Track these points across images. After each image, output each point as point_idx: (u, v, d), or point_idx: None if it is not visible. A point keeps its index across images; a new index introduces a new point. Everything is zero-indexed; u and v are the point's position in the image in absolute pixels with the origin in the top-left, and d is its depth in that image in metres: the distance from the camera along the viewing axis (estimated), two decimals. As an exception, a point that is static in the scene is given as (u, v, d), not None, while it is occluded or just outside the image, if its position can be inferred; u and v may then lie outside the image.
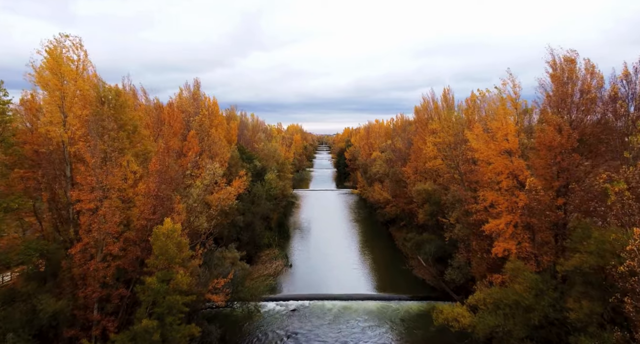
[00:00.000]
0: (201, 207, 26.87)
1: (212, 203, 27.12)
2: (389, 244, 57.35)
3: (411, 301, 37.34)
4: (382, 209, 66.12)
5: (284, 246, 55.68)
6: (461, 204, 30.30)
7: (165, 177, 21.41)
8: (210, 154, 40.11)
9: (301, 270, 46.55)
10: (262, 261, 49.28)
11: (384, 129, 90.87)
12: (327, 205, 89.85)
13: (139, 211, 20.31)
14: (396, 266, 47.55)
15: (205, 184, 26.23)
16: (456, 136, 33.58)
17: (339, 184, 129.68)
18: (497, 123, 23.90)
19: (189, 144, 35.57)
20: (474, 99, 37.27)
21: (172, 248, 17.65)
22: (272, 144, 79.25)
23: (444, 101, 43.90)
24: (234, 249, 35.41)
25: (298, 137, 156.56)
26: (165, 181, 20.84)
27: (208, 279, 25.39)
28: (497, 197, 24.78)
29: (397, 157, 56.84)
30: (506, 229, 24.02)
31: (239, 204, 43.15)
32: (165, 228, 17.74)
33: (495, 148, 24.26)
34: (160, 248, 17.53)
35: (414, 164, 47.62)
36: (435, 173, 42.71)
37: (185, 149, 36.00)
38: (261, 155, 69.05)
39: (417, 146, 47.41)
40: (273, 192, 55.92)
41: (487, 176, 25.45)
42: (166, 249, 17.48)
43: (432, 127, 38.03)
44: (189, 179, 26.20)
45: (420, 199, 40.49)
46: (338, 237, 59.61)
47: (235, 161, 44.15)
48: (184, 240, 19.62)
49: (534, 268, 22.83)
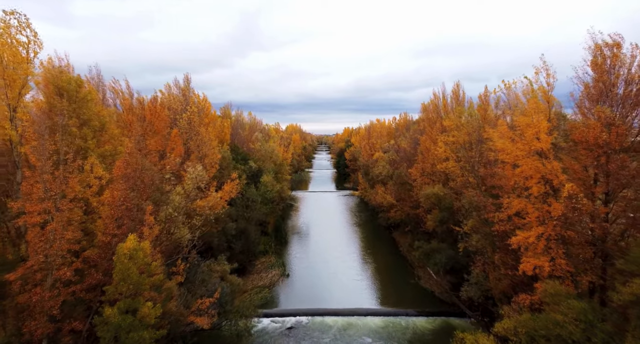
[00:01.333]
0: (183, 216, 23.37)
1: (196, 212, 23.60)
2: (392, 250, 53.88)
3: (420, 317, 33.88)
4: (385, 212, 62.62)
5: (281, 253, 52.18)
6: (479, 211, 26.83)
7: (136, 184, 17.92)
8: (199, 155, 36.60)
9: (299, 280, 43.05)
10: (257, 270, 45.78)
11: (385, 128, 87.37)
12: (326, 208, 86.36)
13: (103, 225, 16.80)
14: (401, 276, 44.09)
15: (187, 190, 22.75)
16: (470, 134, 30.13)
17: (339, 185, 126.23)
18: (527, 119, 20.44)
19: (172, 143, 32.07)
20: (488, 94, 33.86)
21: (135, 272, 14.17)
22: (269, 144, 75.70)
23: (454, 97, 40.48)
24: (224, 261, 31.89)
25: (297, 137, 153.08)
26: (134, 187, 17.36)
27: (191, 300, 21.88)
28: (525, 205, 21.32)
29: (401, 158, 53.37)
30: (537, 242, 20.56)
31: (232, 209, 39.67)
32: (127, 247, 14.25)
33: (524, 148, 20.79)
34: (122, 272, 14.04)
35: (421, 165, 44.15)
36: (446, 176, 39.20)
37: (169, 149, 32.49)
38: (257, 156, 65.50)
39: (424, 146, 43.95)
40: (269, 196, 52.41)
41: (513, 180, 22.00)
42: (128, 273, 14.02)
43: (445, 124, 34.55)
44: (168, 185, 22.77)
45: (428, 204, 37.03)
46: (338, 243, 56.12)
47: (227, 163, 40.65)
48: (155, 261, 16.11)
49: (572, 289, 19.40)
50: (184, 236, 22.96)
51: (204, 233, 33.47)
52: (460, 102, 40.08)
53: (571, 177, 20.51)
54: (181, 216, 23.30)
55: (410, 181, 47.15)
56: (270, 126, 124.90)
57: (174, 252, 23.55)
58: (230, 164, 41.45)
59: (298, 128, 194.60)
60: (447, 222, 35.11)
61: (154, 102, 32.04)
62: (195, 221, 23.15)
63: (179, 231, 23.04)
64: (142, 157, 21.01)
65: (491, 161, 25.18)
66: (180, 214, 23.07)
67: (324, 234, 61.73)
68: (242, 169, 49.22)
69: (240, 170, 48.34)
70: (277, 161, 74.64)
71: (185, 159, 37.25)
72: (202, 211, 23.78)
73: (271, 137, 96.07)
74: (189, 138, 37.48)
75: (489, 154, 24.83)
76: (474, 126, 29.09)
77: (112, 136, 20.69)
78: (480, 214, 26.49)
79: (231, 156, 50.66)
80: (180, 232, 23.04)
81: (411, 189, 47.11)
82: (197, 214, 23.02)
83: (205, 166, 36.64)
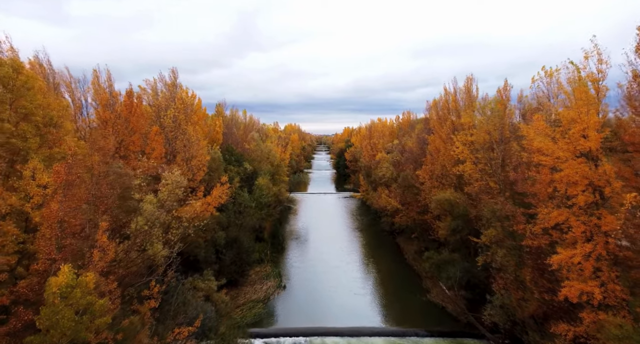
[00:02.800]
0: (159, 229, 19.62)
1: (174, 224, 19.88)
2: (396, 258, 50.12)
3: (431, 338, 30.20)
4: (388, 217, 58.94)
5: (277, 262, 48.43)
6: (503, 222, 23.13)
7: (90, 193, 14.22)
8: (186, 157, 32.86)
9: (296, 293, 39.27)
10: (251, 281, 41.99)
11: (387, 128, 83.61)
12: (326, 211, 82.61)
13: (43, 246, 13.06)
14: (408, 288, 40.35)
15: (162, 199, 19.03)
16: (491, 133, 26.43)
17: (339, 186, 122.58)
18: (572, 112, 16.78)
19: (152, 143, 28.33)
20: (508, 88, 30.09)
21: (70, 317, 10.42)
22: (266, 144, 71.95)
23: (467, 93, 36.74)
24: (211, 276, 28.18)
25: (295, 137, 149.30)
26: (82, 198, 13.64)
27: (164, 332, 18.15)
28: (567, 217, 17.63)
29: (406, 159, 49.67)
30: (584, 263, 16.85)
31: (222, 216, 35.93)
32: (58, 283, 10.48)
33: (568, 148, 17.11)
34: (50, 317, 10.28)
35: (429, 167, 40.43)
36: (459, 179, 35.53)
37: (148, 150, 28.75)
38: (253, 156, 61.71)
39: (433, 146, 40.25)
40: (265, 200, 48.64)
41: (552, 186, 18.31)
42: (59, 318, 10.26)
43: (463, 121, 30.87)
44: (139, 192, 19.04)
45: (440, 211, 33.32)
46: (339, 250, 52.34)
47: (217, 165, 36.89)
48: (106, 296, 12.36)
49: (629, 321, 15.70)
50: (158, 252, 19.21)
51: (190, 243, 29.77)
52: (473, 98, 36.38)
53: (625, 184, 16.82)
54: (157, 229, 19.56)
55: (417, 184, 43.46)
56: (268, 126, 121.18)
57: (146, 272, 19.80)
58: (221, 166, 37.70)
59: (297, 128, 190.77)
60: (461, 231, 31.43)
61: (129, 97, 28.25)
62: (171, 235, 19.42)
63: (153, 247, 19.29)
64: (104, 159, 17.31)
65: (523, 164, 21.50)
66: (153, 226, 19.32)
67: (324, 240, 57.96)
68: (235, 171, 45.47)
69: (233, 172, 44.61)
70: (274, 161, 70.88)
71: (172, 161, 33.55)
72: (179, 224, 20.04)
73: (269, 137, 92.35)
74: (174, 138, 33.73)
75: (520, 155, 21.16)
76: (495, 123, 25.41)
77: (67, 133, 16.95)
78: (505, 225, 22.78)
79: (223, 157, 46.93)
80: (154, 249, 19.29)
81: (418, 193, 43.43)
82: (173, 227, 19.34)
83: (192, 168, 32.92)
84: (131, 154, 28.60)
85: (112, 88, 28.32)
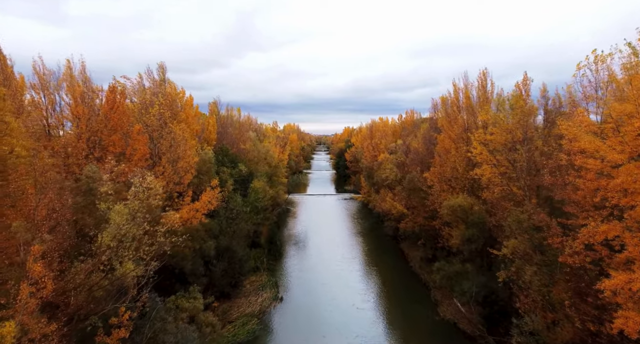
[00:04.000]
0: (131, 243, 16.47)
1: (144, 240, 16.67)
2: (401, 266, 47.01)
3: (444, 360, 27.19)
4: (392, 221, 55.84)
5: (274, 270, 45.30)
6: (530, 233, 20.03)
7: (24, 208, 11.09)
8: (172, 158, 29.71)
9: (294, 306, 36.12)
10: (245, 292, 38.81)
11: (390, 127, 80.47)
12: (326, 213, 79.46)
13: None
14: (414, 300, 37.25)
15: (132, 209, 15.92)
16: (513, 132, 23.32)
17: (339, 187, 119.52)
18: (629, 106, 13.70)
19: (133, 143, 25.19)
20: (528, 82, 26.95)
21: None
22: (263, 144, 68.83)
23: (481, 88, 33.63)
24: (197, 293, 25.03)
25: (294, 137, 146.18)
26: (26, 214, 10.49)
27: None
28: (621, 232, 14.54)
29: (412, 160, 46.55)
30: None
31: (213, 223, 32.75)
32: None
33: (623, 149, 14.02)
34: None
35: (438, 169, 37.33)
36: (473, 183, 32.44)
37: (129, 151, 25.60)
38: (249, 157, 58.54)
39: (442, 147, 37.16)
40: (261, 204, 45.50)
41: (600, 194, 15.21)
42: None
43: (482, 118, 27.82)
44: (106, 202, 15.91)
45: (452, 218, 30.22)
46: (340, 257, 49.17)
47: (208, 167, 33.72)
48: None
49: None
50: (129, 272, 16.08)
51: (175, 255, 26.63)
52: (488, 94, 33.29)
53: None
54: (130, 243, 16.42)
55: (424, 187, 40.34)
56: (266, 125, 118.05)
57: (115, 295, 16.64)
58: (212, 168, 34.53)
59: (296, 128, 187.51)
60: (477, 241, 28.32)
61: (112, 92, 25.08)
62: (143, 252, 16.27)
63: (123, 267, 16.16)
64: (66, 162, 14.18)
65: (561, 167, 18.38)
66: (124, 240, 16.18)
67: (324, 245, 54.81)
68: (228, 174, 42.29)
69: (226, 174, 41.45)
70: (272, 162, 67.78)
71: (157, 162, 30.40)
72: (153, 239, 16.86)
73: (267, 136, 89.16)
74: (160, 137, 30.57)
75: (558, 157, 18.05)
76: (519, 120, 22.32)
77: (11, 131, 13.80)
78: (535, 237, 19.67)
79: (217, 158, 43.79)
80: (124, 268, 16.15)
81: (426, 196, 40.30)
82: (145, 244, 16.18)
83: (179, 171, 29.77)
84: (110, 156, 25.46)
85: (88, 81, 25.09)
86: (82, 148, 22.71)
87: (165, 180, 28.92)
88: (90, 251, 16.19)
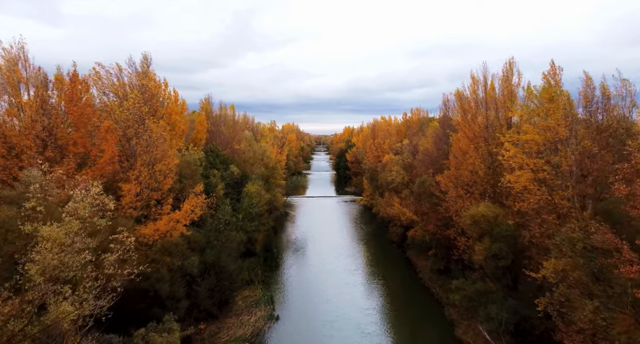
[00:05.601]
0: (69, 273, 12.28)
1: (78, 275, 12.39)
2: (409, 278, 42.74)
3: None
4: (398, 227, 51.72)
5: (270, 282, 41.06)
6: (587, 257, 15.87)
7: None
8: (148, 160, 25.47)
9: (291, 328, 31.86)
10: (237, 310, 34.56)
11: (394, 127, 76.32)
12: (326, 217, 75.22)
13: None
14: (427, 319, 33.14)
15: (71, 230, 11.74)
16: (553, 130, 19.15)
17: (339, 189, 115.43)
18: None
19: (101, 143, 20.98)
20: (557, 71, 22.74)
21: None
22: (260, 144, 64.63)
23: (505, 81, 29.40)
24: (173, 322, 20.76)
25: (293, 137, 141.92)
26: None
27: None
28: None
29: (421, 162, 42.36)
30: None
31: (198, 235, 28.49)
32: None
33: None
34: None
35: (454, 172, 33.17)
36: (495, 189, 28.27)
37: (94, 152, 21.36)
38: (244, 158, 54.39)
39: (458, 148, 32.99)
40: (255, 210, 41.28)
41: None
42: None
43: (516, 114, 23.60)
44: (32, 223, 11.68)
45: (475, 230, 26.03)
46: (342, 269, 44.90)
47: (193, 169, 29.48)
48: None
49: None
50: (64, 317, 11.89)
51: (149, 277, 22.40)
52: (513, 87, 29.10)
53: None
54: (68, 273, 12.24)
55: (437, 192, 36.17)
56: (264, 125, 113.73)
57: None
58: (198, 171, 30.30)
59: (295, 127, 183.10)
60: (505, 258, 24.12)
61: (73, 81, 20.84)
62: (83, 291, 12.01)
63: (56, 308, 11.97)
64: None
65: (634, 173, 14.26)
66: (60, 272, 11.99)
67: (324, 254, 50.53)
68: (219, 177, 38.07)
69: (216, 178, 37.23)
70: (269, 163, 63.58)
71: (133, 165, 26.16)
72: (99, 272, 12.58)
73: (263, 136, 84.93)
74: (136, 135, 26.32)
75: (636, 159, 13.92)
76: (564, 115, 18.15)
77: None
78: (593, 263, 15.49)
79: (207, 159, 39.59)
80: (59, 311, 11.96)
81: (439, 202, 36.14)
82: (88, 278, 11.93)
83: (156, 174, 25.54)
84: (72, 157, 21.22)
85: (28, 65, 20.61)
86: (27, 146, 18.49)
87: (139, 186, 24.71)
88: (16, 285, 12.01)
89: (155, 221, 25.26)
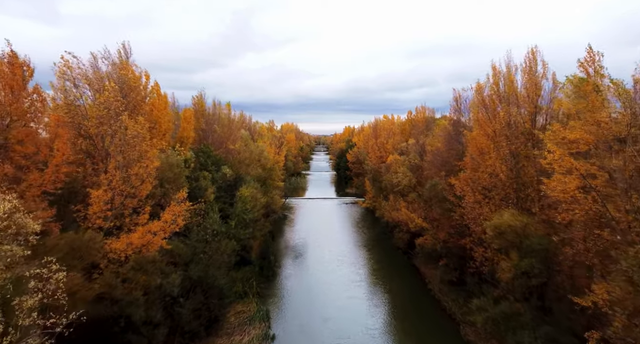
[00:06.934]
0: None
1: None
2: (418, 290, 39.24)
3: None
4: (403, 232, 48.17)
5: (266, 295, 37.53)
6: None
7: None
8: (122, 163, 21.94)
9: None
10: (228, 328, 31.01)
11: (397, 126, 72.84)
12: (327, 221, 71.66)
13: None
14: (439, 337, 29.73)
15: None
16: (607, 126, 15.68)
17: (340, 190, 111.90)
18: None
19: (52, 141, 17.45)
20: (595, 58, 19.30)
21: None
22: (257, 144, 61.06)
23: (528, 71, 25.96)
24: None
25: (292, 137, 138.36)
26: None
27: None
28: None
29: (432, 163, 38.85)
30: None
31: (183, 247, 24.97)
32: None
33: None
34: None
35: (470, 175, 29.70)
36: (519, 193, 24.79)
37: (44, 152, 17.82)
38: (240, 158, 50.81)
39: (476, 147, 29.51)
40: (250, 216, 37.74)
41: None
42: None
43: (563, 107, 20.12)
44: None
45: (500, 243, 22.54)
46: (345, 279, 41.31)
47: (177, 173, 25.96)
48: None
49: None
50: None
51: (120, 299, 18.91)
52: (537, 78, 25.66)
53: None
54: None
55: (450, 196, 32.69)
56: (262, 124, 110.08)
57: None
58: (183, 175, 26.78)
59: (294, 127, 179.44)
60: (538, 275, 20.64)
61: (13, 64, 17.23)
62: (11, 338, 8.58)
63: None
64: None
65: None
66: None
67: (326, 262, 46.99)
68: (210, 179, 34.53)
69: (206, 181, 33.69)
70: (266, 164, 59.97)
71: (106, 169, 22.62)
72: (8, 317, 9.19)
73: (261, 136, 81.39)
74: (110, 134, 22.78)
75: None
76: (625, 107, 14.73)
77: None
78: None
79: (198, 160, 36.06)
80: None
81: (452, 208, 32.66)
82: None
83: (131, 179, 22.01)
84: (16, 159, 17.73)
85: None
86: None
87: (111, 192, 21.20)
88: None
89: (129, 233, 21.75)
